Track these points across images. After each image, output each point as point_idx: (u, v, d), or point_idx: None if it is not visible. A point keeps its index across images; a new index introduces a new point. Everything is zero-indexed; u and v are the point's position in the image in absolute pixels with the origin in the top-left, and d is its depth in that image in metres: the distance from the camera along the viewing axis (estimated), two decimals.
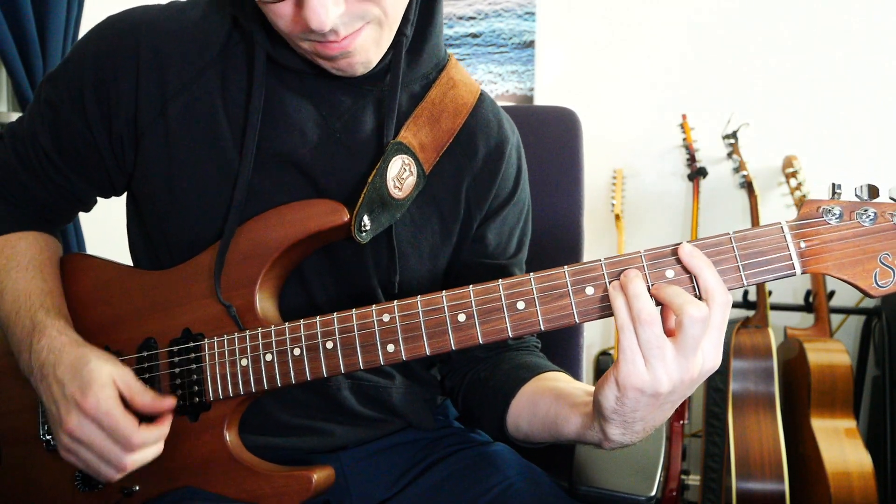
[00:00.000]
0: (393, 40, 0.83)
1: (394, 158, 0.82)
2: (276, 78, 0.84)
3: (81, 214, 1.02)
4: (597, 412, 0.70)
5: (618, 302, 0.66)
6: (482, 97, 0.94)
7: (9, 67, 1.64)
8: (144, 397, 0.79)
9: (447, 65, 0.92)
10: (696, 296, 0.65)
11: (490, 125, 0.93)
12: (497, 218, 0.94)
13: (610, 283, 0.68)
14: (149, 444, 0.77)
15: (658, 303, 0.66)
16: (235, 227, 0.81)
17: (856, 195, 0.67)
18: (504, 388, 0.87)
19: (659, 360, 0.63)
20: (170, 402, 0.80)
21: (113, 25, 0.86)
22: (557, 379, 0.86)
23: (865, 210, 0.67)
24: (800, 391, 2.01)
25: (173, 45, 0.84)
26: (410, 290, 0.88)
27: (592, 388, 0.75)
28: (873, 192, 0.67)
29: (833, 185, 0.67)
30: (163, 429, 0.79)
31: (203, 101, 0.84)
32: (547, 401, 0.81)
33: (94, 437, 0.76)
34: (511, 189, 0.95)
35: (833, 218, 0.67)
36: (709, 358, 0.65)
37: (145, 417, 0.79)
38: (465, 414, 0.98)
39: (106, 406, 0.75)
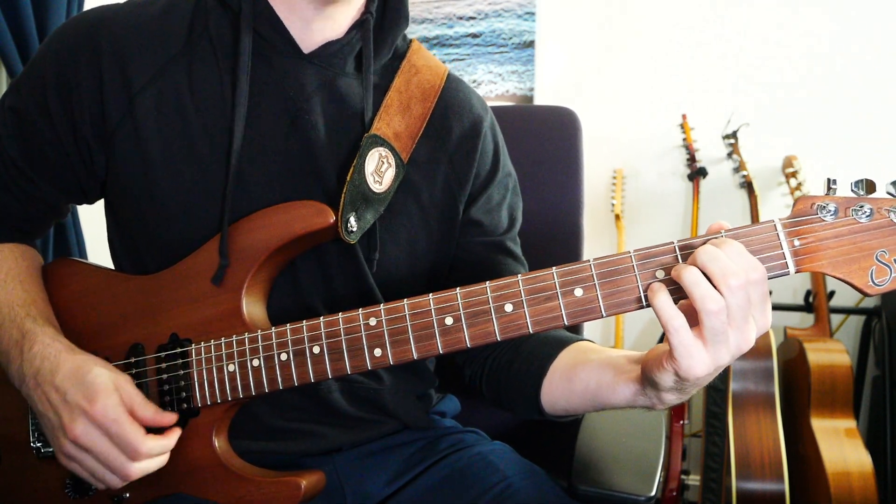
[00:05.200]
0: (360, 19, 0.85)
1: (370, 152, 0.82)
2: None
3: (82, 215, 1.01)
4: (650, 385, 0.69)
5: (662, 299, 0.63)
6: (450, 78, 0.94)
7: (9, 67, 1.64)
8: (146, 410, 0.77)
9: (408, 51, 0.92)
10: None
11: (462, 105, 0.93)
12: (482, 197, 0.94)
13: (600, 281, 0.67)
14: (154, 455, 0.77)
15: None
16: (229, 215, 0.80)
17: (852, 190, 0.65)
18: (532, 368, 0.85)
19: (721, 344, 0.62)
20: (170, 417, 0.79)
21: (72, 26, 0.85)
22: (588, 349, 0.84)
23: (861, 206, 0.65)
24: (800, 391, 2.01)
25: (135, 40, 0.83)
26: (390, 281, 0.88)
27: (634, 354, 0.75)
28: (870, 186, 0.65)
29: (828, 179, 0.65)
30: (169, 441, 0.78)
31: (171, 96, 0.83)
32: (585, 374, 0.79)
33: (100, 444, 0.75)
34: (491, 167, 0.95)
35: (828, 214, 0.65)
36: (760, 320, 0.64)
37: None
38: (493, 401, 0.96)
39: (114, 413, 0.74)
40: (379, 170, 0.82)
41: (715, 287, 0.61)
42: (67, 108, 0.83)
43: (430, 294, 0.73)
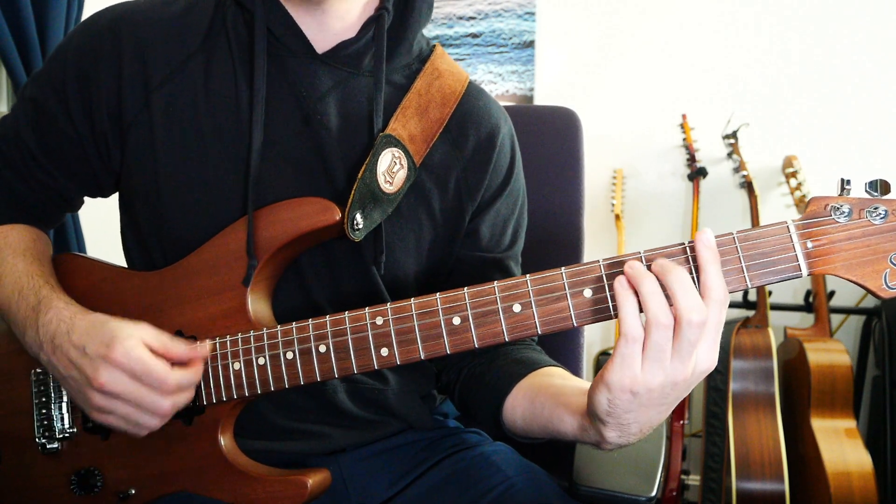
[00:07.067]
0: (374, 15, 0.84)
1: (384, 152, 0.82)
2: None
3: (82, 214, 1.01)
4: (591, 415, 0.69)
5: (629, 302, 0.62)
6: (471, 86, 0.93)
7: (9, 67, 1.65)
8: (179, 347, 0.77)
9: (432, 55, 0.92)
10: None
11: (480, 114, 0.92)
12: (490, 210, 0.93)
13: (610, 282, 0.65)
14: (184, 387, 0.76)
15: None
16: (252, 210, 0.80)
17: (866, 191, 0.64)
18: (499, 384, 0.86)
19: (657, 363, 0.62)
20: (204, 348, 0.78)
21: (94, 21, 0.86)
22: (554, 375, 0.85)
23: (876, 207, 0.63)
24: (800, 391, 2.01)
25: (156, 36, 0.84)
26: (396, 282, 0.88)
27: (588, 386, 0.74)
28: (884, 187, 0.63)
29: (842, 180, 0.64)
30: (196, 373, 0.77)
31: (186, 93, 0.83)
32: (543, 399, 0.80)
33: (128, 386, 0.74)
34: (504, 179, 0.94)
35: (842, 216, 0.64)
36: (703, 360, 0.63)
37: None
38: (461, 409, 0.97)
39: (136, 353, 0.74)
40: (391, 170, 0.82)
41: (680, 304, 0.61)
42: (86, 102, 0.84)
43: (438, 293, 0.72)
